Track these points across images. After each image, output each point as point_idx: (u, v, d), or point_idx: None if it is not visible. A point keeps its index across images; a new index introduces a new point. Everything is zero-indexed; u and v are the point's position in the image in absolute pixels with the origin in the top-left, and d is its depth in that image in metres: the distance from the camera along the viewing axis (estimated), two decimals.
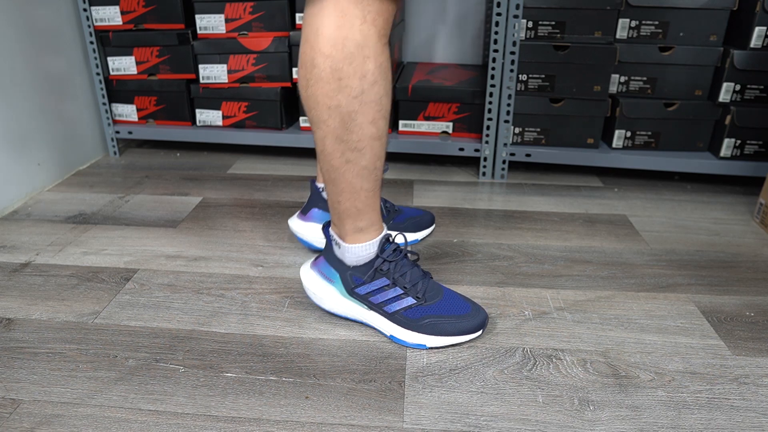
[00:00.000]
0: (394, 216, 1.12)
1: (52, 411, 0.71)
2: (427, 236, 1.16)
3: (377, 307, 0.84)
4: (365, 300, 0.84)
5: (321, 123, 0.73)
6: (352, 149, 0.74)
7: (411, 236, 1.13)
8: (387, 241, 0.83)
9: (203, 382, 0.76)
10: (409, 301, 0.82)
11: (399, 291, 0.82)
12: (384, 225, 0.84)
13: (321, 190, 1.06)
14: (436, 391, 0.75)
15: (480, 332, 0.84)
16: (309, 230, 1.06)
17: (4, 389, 0.75)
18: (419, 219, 1.15)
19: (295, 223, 1.08)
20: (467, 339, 0.83)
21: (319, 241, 1.06)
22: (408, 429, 0.69)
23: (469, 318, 0.83)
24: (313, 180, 1.07)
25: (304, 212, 1.07)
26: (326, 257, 0.87)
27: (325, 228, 0.87)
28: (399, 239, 1.05)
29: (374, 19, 0.68)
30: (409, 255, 0.87)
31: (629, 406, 0.73)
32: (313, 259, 0.91)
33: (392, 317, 0.83)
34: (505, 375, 0.78)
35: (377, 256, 0.82)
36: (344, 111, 0.71)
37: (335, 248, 0.85)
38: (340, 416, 0.71)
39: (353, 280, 0.84)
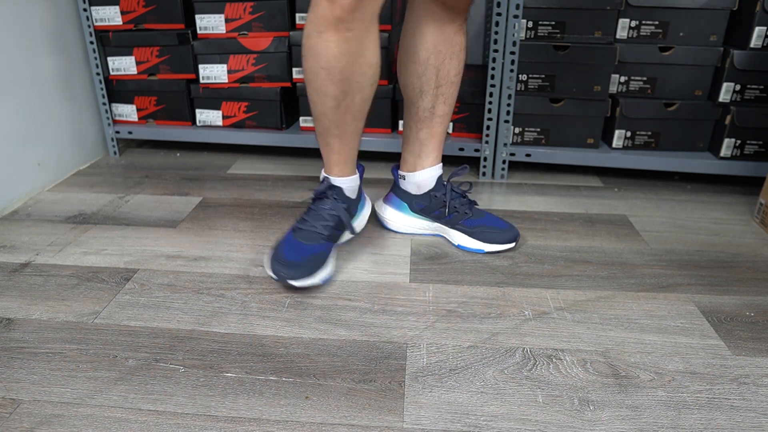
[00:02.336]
0: (462, 219, 1.09)
1: (52, 411, 0.71)
2: (497, 252, 1.09)
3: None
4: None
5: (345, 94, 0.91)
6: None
7: (474, 244, 1.09)
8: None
9: (203, 382, 0.76)
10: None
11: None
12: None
13: (401, 177, 1.14)
14: (436, 391, 0.75)
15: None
16: (386, 213, 1.17)
17: (4, 389, 0.75)
18: (493, 232, 1.08)
19: (379, 206, 1.19)
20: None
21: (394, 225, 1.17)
22: (408, 429, 0.69)
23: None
24: (395, 167, 1.16)
25: (387, 197, 1.18)
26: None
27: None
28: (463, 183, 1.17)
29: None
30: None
31: (629, 406, 0.73)
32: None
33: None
34: (505, 375, 0.78)
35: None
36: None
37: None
38: (340, 416, 0.71)
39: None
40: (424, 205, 1.11)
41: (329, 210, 0.99)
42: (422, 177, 1.10)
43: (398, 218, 1.14)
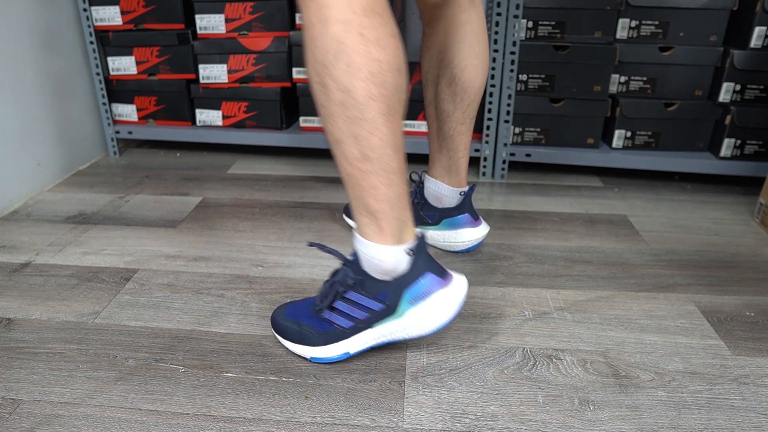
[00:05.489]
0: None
1: (52, 411, 0.71)
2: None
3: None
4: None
5: None
6: None
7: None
8: None
9: (203, 382, 0.76)
10: None
11: None
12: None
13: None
14: (436, 391, 0.75)
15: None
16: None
17: (4, 389, 0.75)
18: None
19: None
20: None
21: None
22: (408, 429, 0.69)
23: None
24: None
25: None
26: None
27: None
28: None
29: None
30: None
31: (629, 406, 0.73)
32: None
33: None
34: (505, 375, 0.78)
35: None
36: None
37: None
38: (340, 416, 0.71)
39: None
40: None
41: None
42: None
43: None
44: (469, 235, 1.06)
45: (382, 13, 0.66)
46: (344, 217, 1.18)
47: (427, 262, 0.75)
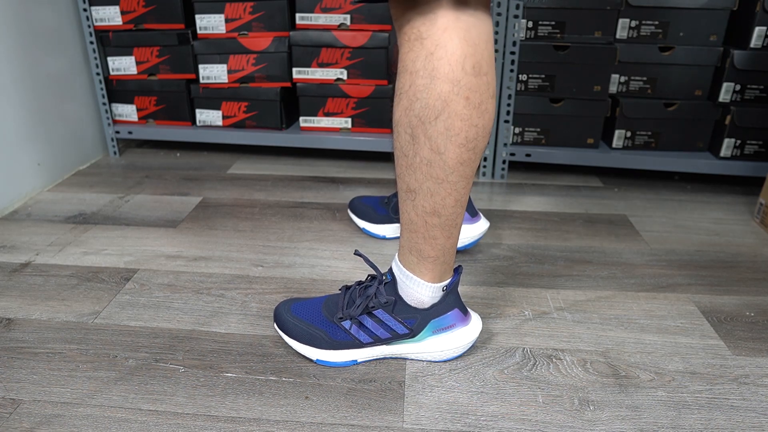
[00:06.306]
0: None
1: (52, 411, 0.71)
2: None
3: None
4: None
5: None
6: None
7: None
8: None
9: (203, 382, 0.76)
10: None
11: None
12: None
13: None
14: (436, 391, 0.75)
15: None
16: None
17: (4, 389, 0.75)
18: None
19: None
20: None
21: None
22: (408, 429, 0.69)
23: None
24: None
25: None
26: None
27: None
28: None
29: None
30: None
31: (629, 406, 0.73)
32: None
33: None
34: (505, 375, 0.78)
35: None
36: None
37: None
38: (340, 416, 0.71)
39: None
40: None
41: None
42: None
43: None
44: (468, 231, 1.07)
45: (488, 72, 0.63)
46: (349, 212, 1.19)
47: (457, 299, 0.78)
